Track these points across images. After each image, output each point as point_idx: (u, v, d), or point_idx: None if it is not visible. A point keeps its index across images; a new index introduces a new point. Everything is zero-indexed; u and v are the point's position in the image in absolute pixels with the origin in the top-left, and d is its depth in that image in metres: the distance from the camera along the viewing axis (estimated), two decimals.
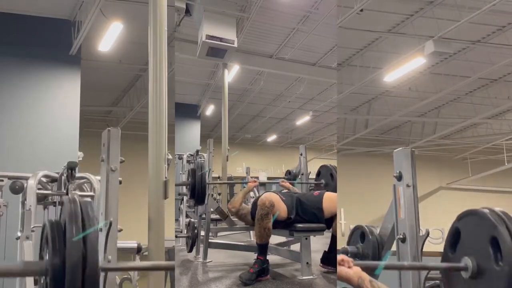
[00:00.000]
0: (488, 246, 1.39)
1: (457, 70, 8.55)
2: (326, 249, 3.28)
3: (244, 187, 4.94)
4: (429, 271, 1.64)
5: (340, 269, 1.50)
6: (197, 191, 3.61)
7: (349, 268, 1.50)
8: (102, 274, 1.63)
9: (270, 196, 3.00)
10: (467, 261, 1.45)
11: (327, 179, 4.07)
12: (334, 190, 3.95)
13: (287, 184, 4.07)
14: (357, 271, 1.50)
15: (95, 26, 6.39)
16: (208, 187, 3.81)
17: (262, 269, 2.90)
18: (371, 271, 1.56)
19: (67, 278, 1.17)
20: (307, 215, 3.10)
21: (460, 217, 1.53)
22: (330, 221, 3.12)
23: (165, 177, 2.25)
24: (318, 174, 4.16)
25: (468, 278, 1.45)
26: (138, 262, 1.68)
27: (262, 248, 2.96)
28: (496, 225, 1.38)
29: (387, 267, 1.64)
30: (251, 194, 6.32)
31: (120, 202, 1.78)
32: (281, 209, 3.02)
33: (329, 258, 3.18)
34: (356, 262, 1.53)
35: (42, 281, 1.29)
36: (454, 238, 1.54)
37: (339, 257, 1.53)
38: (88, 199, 1.33)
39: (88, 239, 1.22)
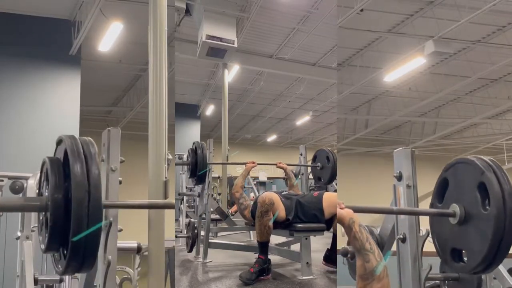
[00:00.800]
0: (476, 192, 1.42)
1: (457, 70, 8.55)
2: (328, 248, 3.29)
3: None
4: (430, 269, 1.64)
5: (337, 211, 1.53)
6: (198, 169, 3.62)
7: (341, 209, 1.53)
8: (101, 267, 1.63)
9: (270, 195, 3.01)
10: (455, 208, 1.48)
11: (323, 162, 4.08)
12: (331, 173, 3.97)
13: (284, 165, 4.07)
14: (349, 212, 1.54)
15: (95, 26, 6.39)
16: (208, 185, 3.81)
17: (262, 269, 2.90)
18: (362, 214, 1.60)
19: (73, 211, 1.16)
20: (307, 217, 3.10)
21: (448, 167, 1.55)
22: (330, 222, 3.12)
23: (165, 177, 2.25)
24: (314, 158, 4.17)
25: (456, 224, 1.48)
26: (138, 201, 1.69)
27: (263, 247, 2.96)
28: (484, 171, 1.40)
29: (376, 211, 1.68)
30: (252, 194, 6.33)
31: None
32: (280, 209, 3.02)
33: (331, 257, 3.19)
34: (348, 205, 1.55)
35: (41, 218, 1.29)
36: (442, 188, 1.58)
37: (337, 201, 1.57)
38: (89, 138, 1.33)
39: (91, 176, 1.22)
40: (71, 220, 1.16)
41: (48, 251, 1.25)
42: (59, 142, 1.33)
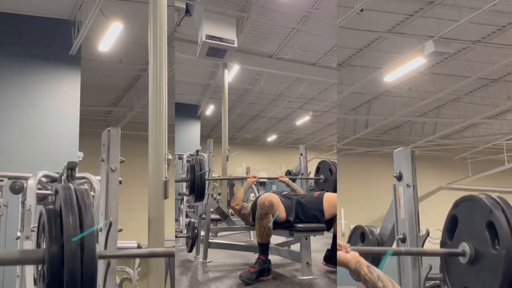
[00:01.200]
0: (485, 231, 1.41)
1: (457, 70, 8.55)
2: (329, 248, 3.29)
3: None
4: (430, 269, 1.64)
5: (339, 254, 1.52)
6: (196, 187, 3.62)
7: (347, 253, 1.52)
8: (100, 273, 1.63)
9: (270, 196, 3.00)
10: (464, 247, 1.47)
11: (326, 174, 4.07)
12: (334, 185, 3.96)
13: (286, 179, 4.06)
14: (355, 256, 1.52)
15: (95, 26, 6.39)
16: (208, 184, 3.81)
17: (263, 269, 2.90)
18: (367, 257, 1.57)
19: (66, 265, 1.16)
20: (307, 217, 3.09)
21: (457, 204, 1.55)
22: (330, 222, 3.12)
23: (165, 177, 2.25)
24: (317, 170, 4.17)
25: (466, 263, 1.47)
26: (136, 250, 1.68)
27: (263, 248, 2.96)
28: (492, 209, 1.40)
29: (383, 253, 1.67)
30: (252, 195, 6.33)
31: (120, 202, 1.78)
32: (280, 210, 3.02)
33: (331, 257, 3.19)
34: (353, 247, 1.54)
35: (39, 269, 1.29)
36: (452, 225, 1.57)
37: (338, 242, 1.55)
38: (84, 186, 1.33)
39: (85, 226, 1.21)
40: (64, 274, 1.16)
41: None
42: (56, 192, 1.33)
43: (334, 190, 4.02)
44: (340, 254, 1.51)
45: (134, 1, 6.19)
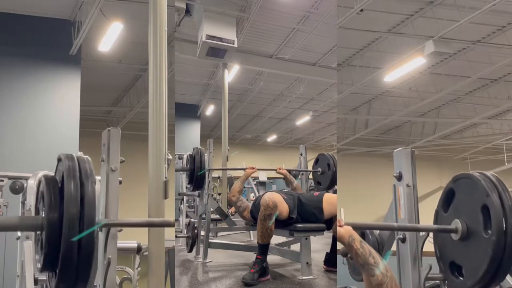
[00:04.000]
0: (479, 213, 1.44)
1: (457, 70, 8.55)
2: (328, 251, 3.29)
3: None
4: (430, 269, 1.64)
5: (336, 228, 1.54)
6: (195, 176, 3.62)
7: (341, 227, 1.53)
8: (101, 267, 1.63)
9: (273, 197, 2.99)
10: (457, 224, 1.51)
11: (324, 167, 4.08)
12: (331, 179, 3.97)
13: (284, 171, 4.07)
14: (348, 230, 1.54)
15: (95, 26, 6.39)
16: (208, 185, 3.81)
17: (262, 269, 2.90)
18: (361, 231, 1.60)
19: (64, 230, 1.15)
20: (307, 215, 3.10)
21: (456, 179, 1.58)
22: (330, 222, 3.12)
23: (165, 177, 2.25)
24: (316, 162, 4.17)
25: (458, 240, 1.51)
26: (134, 219, 1.68)
27: (263, 248, 2.96)
28: (489, 194, 1.41)
29: (377, 228, 1.69)
30: (252, 195, 6.33)
31: (120, 202, 1.78)
32: (284, 209, 3.02)
33: (332, 259, 3.19)
34: (347, 222, 1.56)
35: (37, 236, 1.28)
36: (448, 199, 1.60)
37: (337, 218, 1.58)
38: (86, 156, 1.32)
39: (85, 195, 1.20)
40: (61, 240, 1.15)
41: (44, 270, 1.23)
42: (58, 160, 1.32)
43: (332, 183, 4.04)
44: (335, 228, 1.55)
45: (134, 1, 6.19)
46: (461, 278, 1.51)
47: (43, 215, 1.21)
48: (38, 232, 1.29)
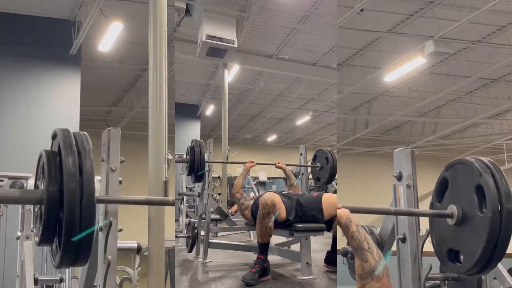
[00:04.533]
0: (473, 194, 1.44)
1: (457, 70, 8.55)
2: (329, 250, 3.29)
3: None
4: (430, 269, 1.64)
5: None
6: (196, 167, 3.62)
7: (339, 209, 1.55)
8: (101, 266, 1.63)
9: (272, 196, 3.00)
10: (452, 209, 1.50)
11: (322, 162, 4.09)
12: (329, 173, 3.98)
13: (283, 165, 4.08)
14: (346, 212, 1.56)
15: (95, 26, 6.39)
16: (208, 185, 3.81)
17: (263, 268, 2.90)
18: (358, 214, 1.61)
19: (65, 207, 1.16)
20: (307, 217, 3.09)
21: (448, 167, 1.57)
22: (330, 223, 3.12)
23: (165, 177, 2.25)
24: (314, 158, 4.18)
25: (454, 225, 1.50)
26: (133, 196, 1.69)
27: (263, 248, 2.96)
28: (482, 173, 1.42)
29: (374, 212, 1.69)
30: (252, 194, 6.33)
31: None
32: (281, 210, 3.02)
33: (332, 258, 3.19)
34: (345, 205, 1.57)
35: (36, 210, 1.29)
36: (442, 188, 1.60)
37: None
38: (84, 132, 1.33)
39: (84, 169, 1.21)
40: (63, 212, 1.16)
41: (42, 243, 1.25)
42: (54, 136, 1.33)
43: (330, 178, 4.05)
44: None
45: (134, 1, 6.19)
46: (458, 264, 1.51)
47: (43, 188, 1.22)
48: (37, 208, 1.29)
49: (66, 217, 1.17)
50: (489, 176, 1.42)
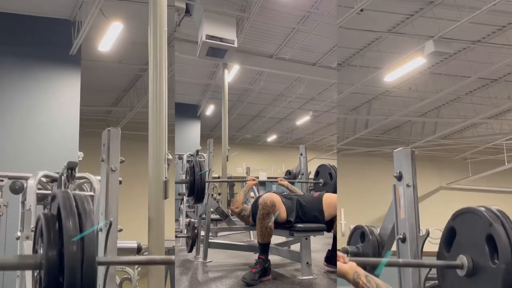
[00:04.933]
0: (484, 244, 1.39)
1: (457, 70, 8.55)
2: (329, 249, 3.29)
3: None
4: (430, 269, 1.64)
5: (338, 265, 1.51)
6: (196, 188, 3.61)
7: (345, 264, 1.52)
8: (100, 274, 1.63)
9: (272, 196, 3.00)
10: (462, 259, 1.45)
11: (326, 178, 4.07)
12: (333, 190, 3.95)
13: (285, 182, 4.07)
14: (353, 266, 1.52)
15: (95, 26, 6.39)
16: (208, 186, 3.80)
17: (264, 269, 2.90)
18: (367, 267, 1.57)
19: (66, 272, 1.14)
20: (307, 218, 3.09)
21: (455, 216, 1.52)
22: (330, 223, 3.12)
23: (165, 177, 2.25)
24: (317, 173, 4.16)
25: (464, 276, 1.44)
26: (135, 257, 1.68)
27: (264, 248, 2.96)
28: (492, 223, 1.37)
29: (381, 262, 1.66)
30: (251, 194, 6.32)
31: (120, 202, 1.78)
32: (281, 211, 3.02)
33: (332, 257, 3.19)
34: (351, 258, 1.54)
35: (35, 275, 1.27)
36: (449, 237, 1.54)
37: (338, 254, 1.55)
38: (85, 193, 1.32)
39: (84, 231, 1.19)
40: (64, 276, 1.13)
41: None
42: (53, 197, 1.31)
43: (334, 193, 4.02)
44: (339, 265, 1.51)
45: (134, 1, 6.19)
46: None
47: (42, 253, 1.20)
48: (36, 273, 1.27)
49: (67, 282, 1.13)
50: (500, 225, 1.37)
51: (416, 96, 9.47)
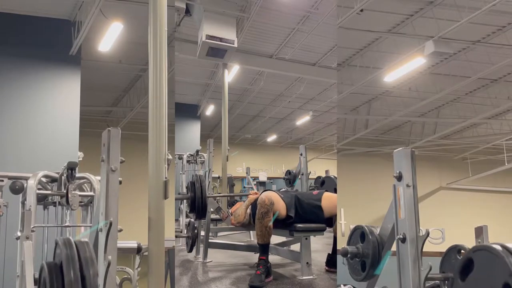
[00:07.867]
0: None
1: (457, 70, 8.55)
2: (329, 252, 3.29)
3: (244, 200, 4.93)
4: (430, 269, 1.63)
5: None
6: (197, 205, 3.57)
7: None
8: (101, 274, 1.63)
9: (270, 195, 3.00)
10: None
11: (331, 191, 4.04)
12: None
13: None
14: None
15: (95, 26, 6.39)
16: (208, 184, 3.80)
17: (267, 269, 2.90)
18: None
19: None
20: (307, 214, 3.09)
21: (476, 249, 1.52)
22: (330, 220, 3.11)
23: (165, 177, 2.25)
24: (322, 183, 4.14)
25: None
26: None
27: (264, 248, 2.96)
28: None
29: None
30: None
31: (120, 202, 1.78)
32: (281, 208, 3.02)
33: (333, 260, 3.19)
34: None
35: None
36: (467, 268, 1.54)
37: None
38: (85, 239, 1.31)
39: (86, 281, 1.19)
40: None
41: None
42: (56, 245, 1.31)
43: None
44: None
45: (134, 1, 6.19)
46: None
47: None
48: None
49: None
50: None
51: (416, 96, 9.46)
